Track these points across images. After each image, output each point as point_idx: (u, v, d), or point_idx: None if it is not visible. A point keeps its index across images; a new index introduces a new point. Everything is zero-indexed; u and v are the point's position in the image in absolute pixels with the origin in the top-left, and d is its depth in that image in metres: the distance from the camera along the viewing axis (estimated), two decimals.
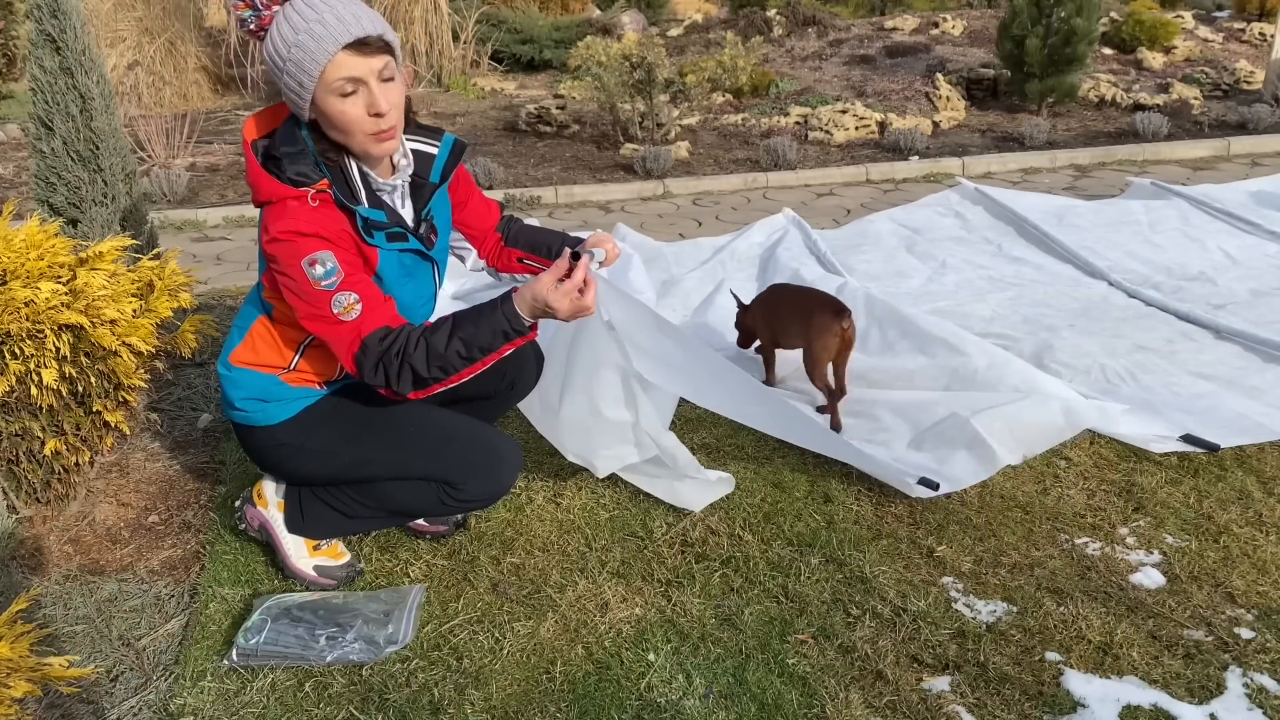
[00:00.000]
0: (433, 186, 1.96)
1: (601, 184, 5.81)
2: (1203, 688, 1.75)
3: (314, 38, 1.67)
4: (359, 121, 1.73)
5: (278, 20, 1.70)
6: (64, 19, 2.74)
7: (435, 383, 1.77)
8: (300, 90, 1.71)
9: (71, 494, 2.41)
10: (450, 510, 2.03)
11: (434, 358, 1.74)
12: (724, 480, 2.37)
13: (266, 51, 1.73)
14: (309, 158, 1.77)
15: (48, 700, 1.74)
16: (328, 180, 1.77)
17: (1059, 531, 2.24)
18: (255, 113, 1.87)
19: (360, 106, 1.72)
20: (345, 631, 1.87)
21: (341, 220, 1.78)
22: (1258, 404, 2.77)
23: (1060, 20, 6.74)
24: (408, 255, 1.90)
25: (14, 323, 2.14)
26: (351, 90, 1.70)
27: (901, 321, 3.23)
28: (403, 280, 1.90)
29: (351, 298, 1.74)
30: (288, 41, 1.68)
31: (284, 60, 1.69)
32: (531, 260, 2.20)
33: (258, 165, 1.77)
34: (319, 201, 1.76)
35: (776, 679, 1.79)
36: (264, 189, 1.77)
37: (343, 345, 1.76)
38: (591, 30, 9.00)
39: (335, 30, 1.67)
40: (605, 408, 2.18)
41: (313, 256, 1.72)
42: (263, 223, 1.79)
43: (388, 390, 1.77)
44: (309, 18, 1.68)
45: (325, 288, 1.72)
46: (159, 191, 5.61)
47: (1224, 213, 4.50)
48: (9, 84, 8.99)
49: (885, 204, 5.25)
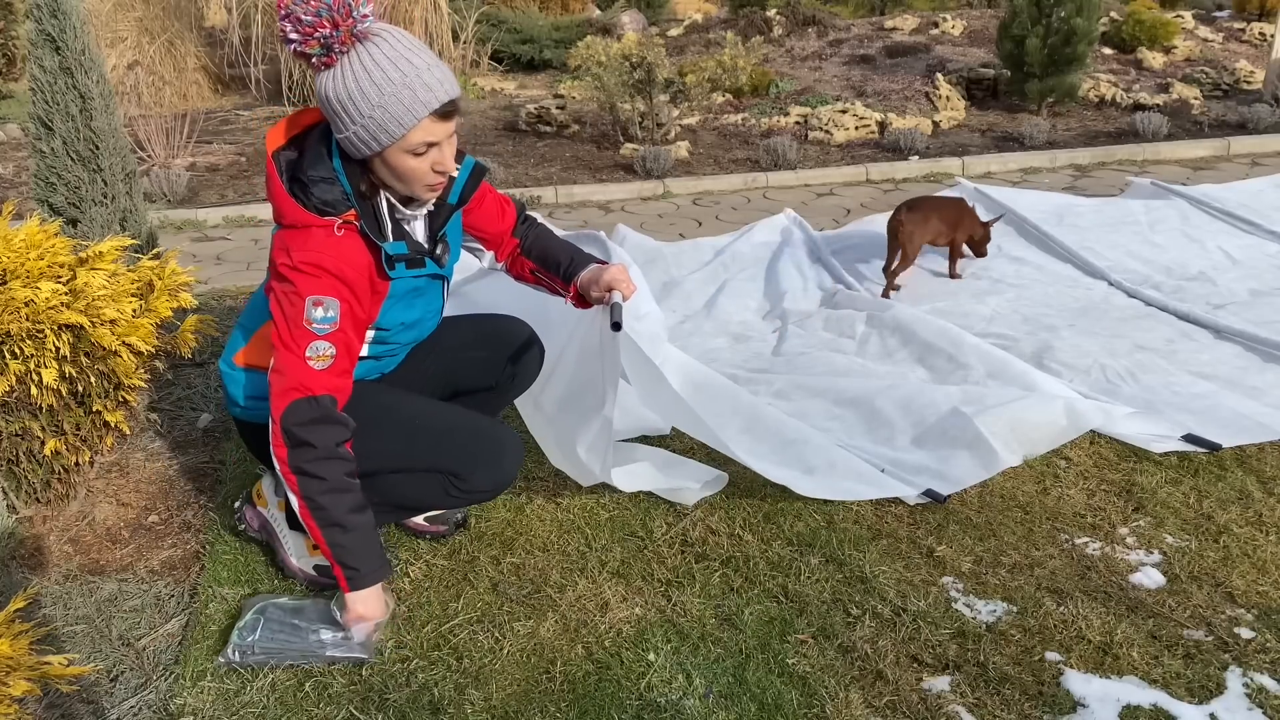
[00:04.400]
0: (450, 208, 1.95)
1: (601, 184, 5.81)
2: (1203, 688, 1.75)
3: (403, 103, 1.65)
4: (423, 176, 1.74)
5: (354, 67, 1.65)
6: (64, 19, 2.73)
7: (295, 476, 1.77)
8: (370, 144, 1.69)
9: (71, 494, 2.41)
10: (456, 502, 2.03)
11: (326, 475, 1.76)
12: (717, 478, 2.38)
13: (335, 94, 1.67)
14: (338, 188, 1.75)
15: (48, 700, 1.74)
16: (355, 212, 1.76)
17: (1059, 531, 2.24)
18: (283, 119, 1.84)
19: (428, 163, 1.73)
20: (341, 629, 1.87)
21: (364, 253, 1.77)
22: (1258, 404, 2.77)
23: (1060, 20, 6.74)
24: (421, 280, 1.90)
25: (14, 323, 2.14)
26: (424, 151, 1.71)
27: (900, 328, 3.23)
28: (413, 300, 1.91)
29: (329, 350, 1.74)
30: (370, 99, 1.64)
31: (362, 115, 1.66)
32: (543, 275, 2.16)
33: (283, 189, 1.75)
34: (344, 232, 1.75)
35: (776, 679, 1.79)
36: (289, 214, 1.75)
37: (289, 380, 1.74)
38: (591, 30, 8.99)
39: (425, 97, 1.66)
40: (580, 448, 2.17)
41: (320, 299, 1.72)
42: (283, 242, 1.77)
43: (280, 442, 1.76)
44: (396, 80, 1.64)
45: (315, 330, 1.72)
46: (159, 191, 5.61)
47: (1224, 213, 4.50)
48: (9, 84, 8.99)
49: (885, 204, 5.25)
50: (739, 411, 2.58)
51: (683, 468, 2.41)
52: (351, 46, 1.66)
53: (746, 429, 2.55)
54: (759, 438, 2.52)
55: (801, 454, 2.47)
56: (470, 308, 2.43)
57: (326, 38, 1.64)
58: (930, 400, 2.71)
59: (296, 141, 1.80)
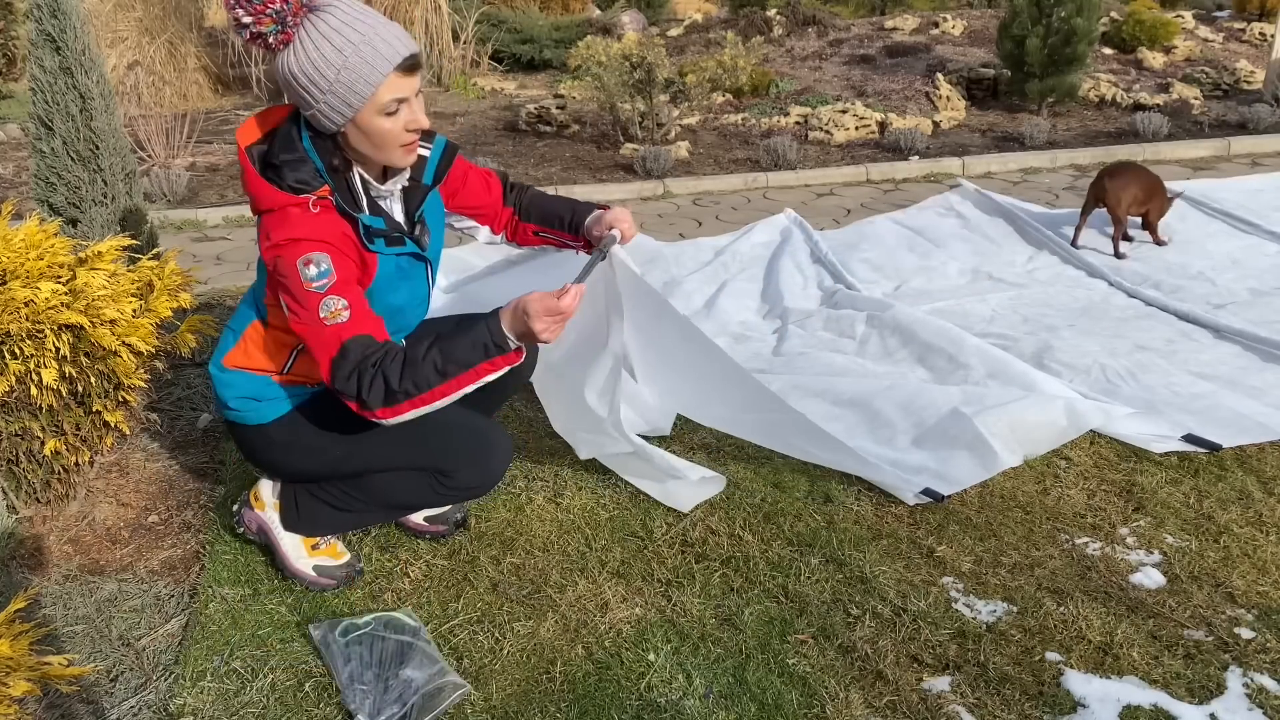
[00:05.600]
0: (425, 189, 1.97)
1: (601, 184, 5.81)
2: (1203, 688, 1.75)
3: (365, 60, 1.66)
4: (397, 136, 1.76)
5: (311, 38, 1.67)
6: (64, 19, 2.73)
7: (405, 399, 1.71)
8: (344, 110, 1.70)
9: (71, 494, 2.41)
10: (444, 500, 2.03)
11: (409, 367, 1.70)
12: (714, 479, 2.37)
13: (300, 68, 1.68)
14: (309, 165, 1.76)
15: (47, 700, 1.74)
16: (329, 187, 1.77)
17: (1059, 531, 2.24)
18: (251, 115, 1.86)
19: (400, 123, 1.74)
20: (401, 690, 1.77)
21: (343, 225, 1.78)
22: (1258, 404, 2.77)
23: (1060, 20, 6.74)
24: (404, 258, 1.90)
25: (14, 323, 2.14)
26: (395, 110, 1.73)
27: (900, 328, 3.23)
28: (398, 283, 1.91)
29: (340, 303, 1.72)
30: (333, 64, 1.66)
31: (329, 81, 1.67)
32: (548, 233, 2.18)
33: (255, 174, 1.76)
34: (320, 208, 1.75)
35: (776, 679, 1.79)
36: (264, 198, 1.76)
37: (323, 348, 1.73)
38: (591, 30, 8.99)
39: (387, 53, 1.68)
40: (588, 393, 2.17)
41: (309, 256, 1.71)
42: (263, 230, 1.78)
43: (356, 404, 1.73)
44: (355, 39, 1.66)
45: (316, 289, 1.71)
46: (159, 191, 5.61)
47: (1223, 213, 4.50)
48: (9, 84, 8.99)
49: (885, 204, 5.26)
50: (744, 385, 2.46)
51: (679, 465, 2.40)
52: (304, 17, 1.68)
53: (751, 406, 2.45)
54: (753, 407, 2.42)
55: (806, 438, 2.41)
56: (472, 306, 2.43)
57: (278, 12, 1.65)
58: (930, 401, 2.71)
59: (268, 136, 1.82)
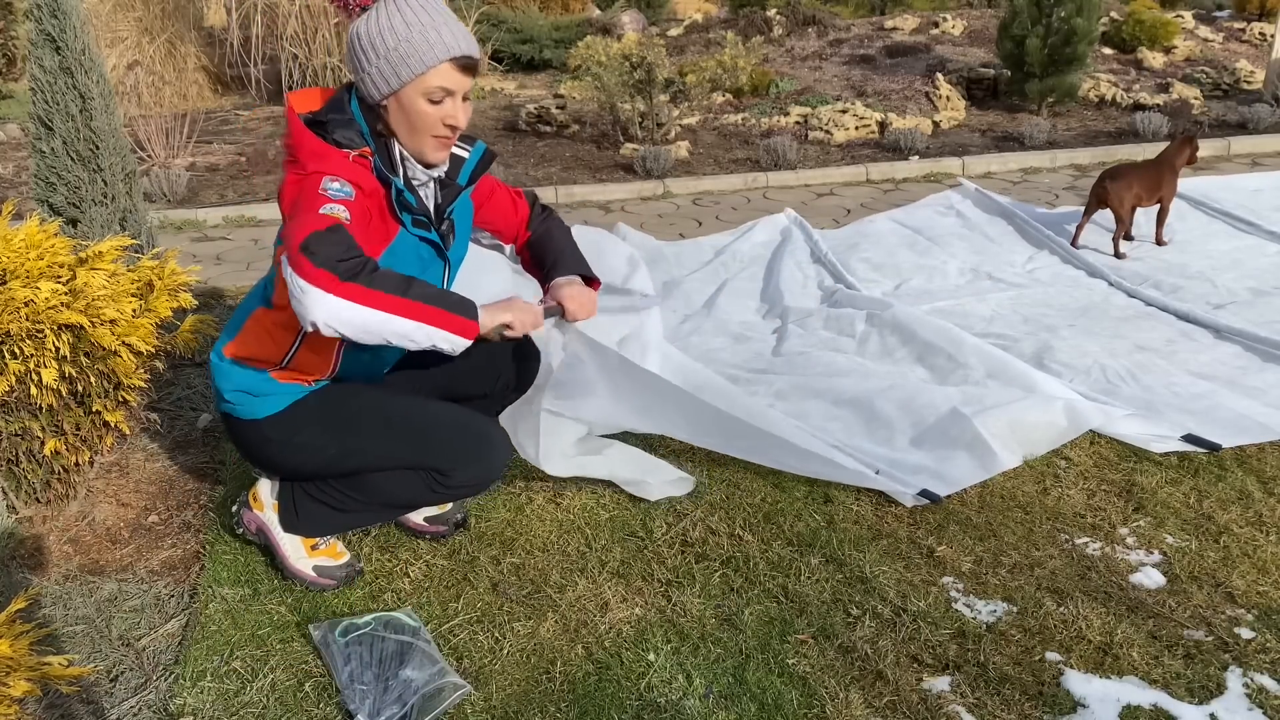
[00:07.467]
0: (458, 188, 1.98)
1: (601, 184, 5.81)
2: (1203, 688, 1.75)
3: (428, 42, 1.74)
4: (433, 125, 1.80)
5: (387, 9, 1.75)
6: (64, 19, 2.74)
7: (355, 284, 1.60)
8: (390, 79, 1.76)
9: (71, 494, 2.41)
10: (441, 499, 2.03)
11: (379, 271, 1.65)
12: (682, 480, 2.40)
13: (366, 30, 1.76)
14: (355, 127, 1.81)
15: (47, 700, 1.74)
16: (371, 149, 1.81)
17: (1059, 531, 2.24)
18: (315, 89, 1.90)
19: (440, 113, 1.80)
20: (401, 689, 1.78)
21: (376, 184, 1.81)
22: (1258, 404, 2.77)
23: (1060, 20, 6.74)
24: (425, 247, 1.91)
25: (14, 323, 2.14)
26: (439, 99, 1.78)
27: (900, 328, 3.23)
28: (414, 269, 1.90)
29: (343, 214, 1.67)
30: (398, 34, 1.74)
31: (386, 48, 1.74)
32: (533, 270, 2.19)
33: (301, 124, 1.78)
34: (359, 165, 1.79)
35: (776, 679, 1.79)
36: (306, 146, 1.77)
37: (310, 225, 1.62)
38: (591, 30, 8.99)
39: (449, 42, 1.76)
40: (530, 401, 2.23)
41: (335, 177, 1.72)
42: (295, 170, 1.76)
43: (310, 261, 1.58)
44: (425, 21, 1.75)
45: (330, 195, 1.68)
46: (159, 191, 5.61)
47: (1223, 213, 4.51)
48: (9, 84, 8.99)
49: (885, 204, 5.26)
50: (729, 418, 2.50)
51: (648, 464, 2.43)
52: None
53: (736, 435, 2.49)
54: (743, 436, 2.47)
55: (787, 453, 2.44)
56: None
57: None
58: (930, 400, 2.71)
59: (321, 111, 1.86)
